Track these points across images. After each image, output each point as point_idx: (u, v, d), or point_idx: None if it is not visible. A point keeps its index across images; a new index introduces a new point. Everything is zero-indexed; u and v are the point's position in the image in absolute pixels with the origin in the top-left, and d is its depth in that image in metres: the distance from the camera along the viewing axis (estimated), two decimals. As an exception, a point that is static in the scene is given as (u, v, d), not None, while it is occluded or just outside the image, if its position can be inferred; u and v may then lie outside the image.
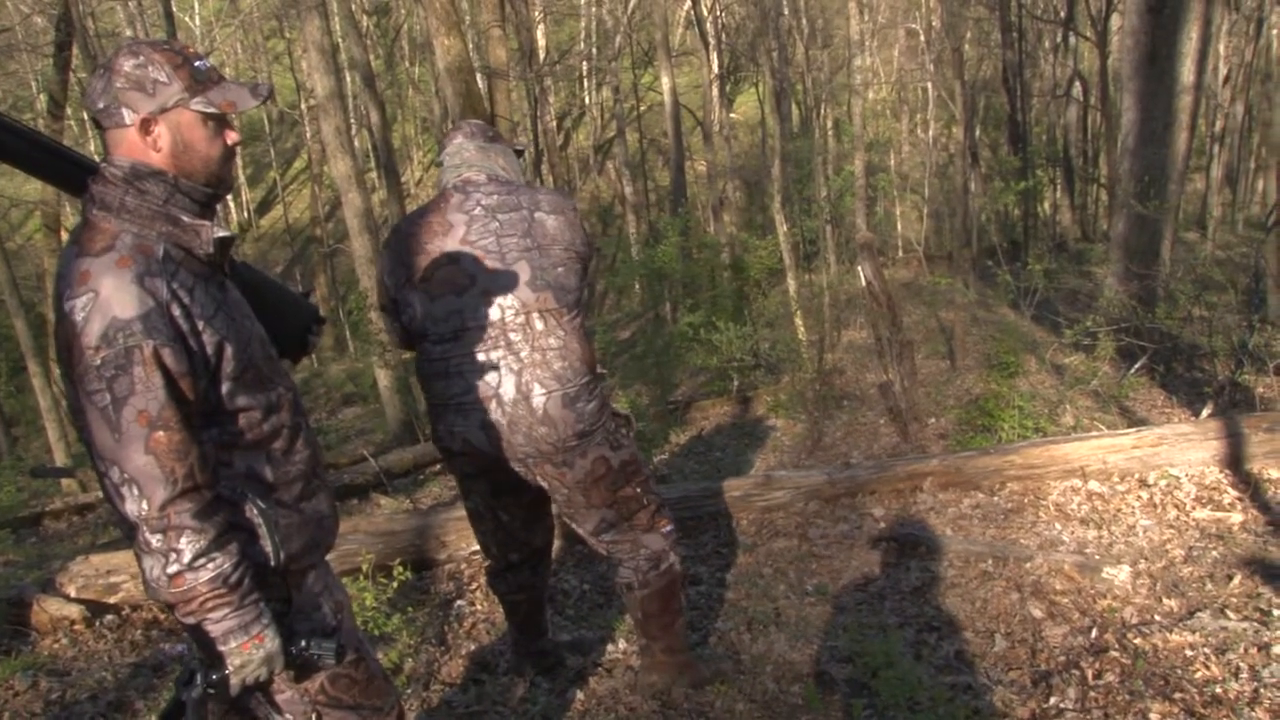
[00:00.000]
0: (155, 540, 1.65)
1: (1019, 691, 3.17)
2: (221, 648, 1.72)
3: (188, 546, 1.66)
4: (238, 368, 1.79)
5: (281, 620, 1.85)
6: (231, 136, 1.84)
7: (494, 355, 2.81)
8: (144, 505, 1.64)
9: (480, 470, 3.02)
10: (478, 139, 3.04)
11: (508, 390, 2.81)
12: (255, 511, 1.82)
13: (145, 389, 1.63)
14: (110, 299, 1.62)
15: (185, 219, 1.77)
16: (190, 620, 1.71)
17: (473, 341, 2.83)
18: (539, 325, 2.81)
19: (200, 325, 1.72)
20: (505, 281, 2.81)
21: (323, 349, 23.94)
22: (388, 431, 11.72)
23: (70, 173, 1.83)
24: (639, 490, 3.05)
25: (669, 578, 3.13)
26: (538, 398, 2.80)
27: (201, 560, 1.67)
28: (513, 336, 2.81)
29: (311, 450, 1.98)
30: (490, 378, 2.82)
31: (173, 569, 1.66)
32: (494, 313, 2.81)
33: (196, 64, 1.77)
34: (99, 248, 1.67)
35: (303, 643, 1.86)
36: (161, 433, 1.64)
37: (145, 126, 1.74)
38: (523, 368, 2.81)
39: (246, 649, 1.74)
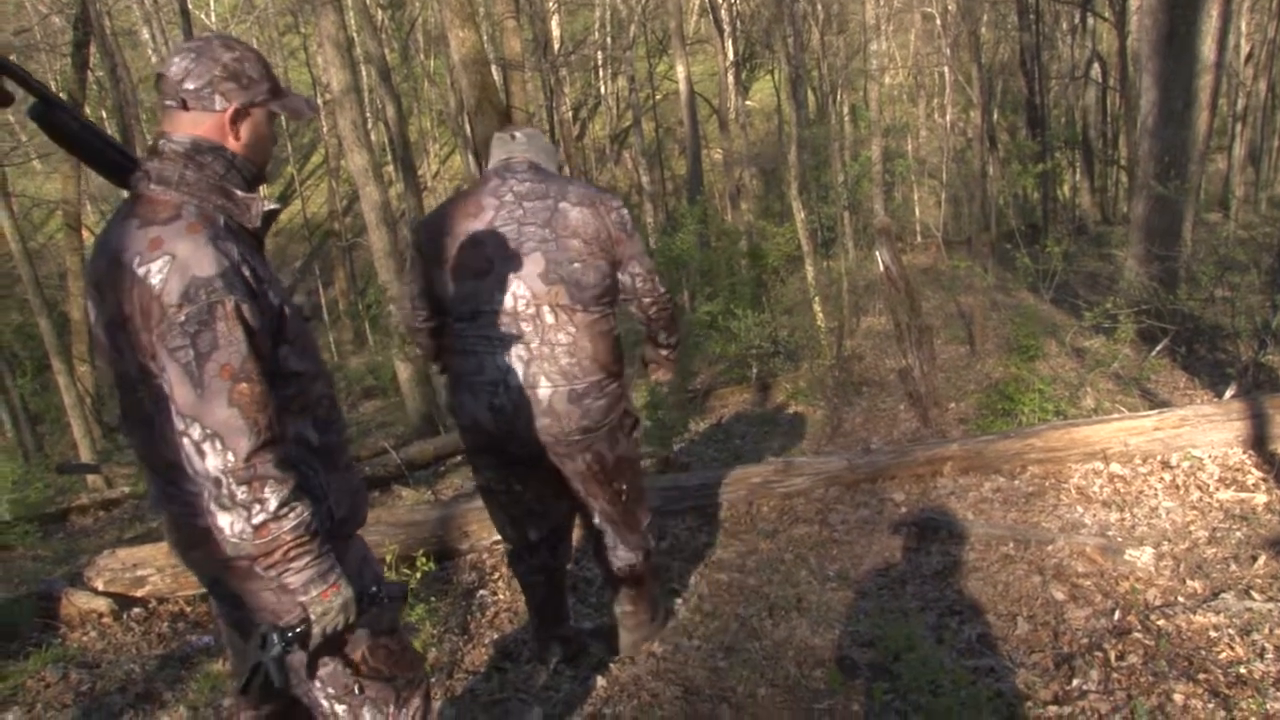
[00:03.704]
0: (240, 492, 1.69)
1: (1041, 674, 3.17)
2: (302, 597, 1.78)
3: (272, 495, 1.71)
4: (293, 331, 1.87)
5: None
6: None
7: (505, 342, 2.86)
8: (229, 457, 1.68)
9: (487, 447, 3.07)
10: (525, 129, 3.08)
11: (514, 378, 2.85)
12: (311, 472, 1.89)
13: (228, 343, 1.69)
14: (188, 259, 1.69)
15: (238, 193, 1.86)
16: (271, 572, 1.75)
17: (487, 325, 2.87)
18: (549, 319, 2.84)
19: (265, 288, 1.80)
20: (519, 270, 2.84)
21: (342, 342, 24.08)
22: (408, 424, 11.77)
23: (119, 162, 1.92)
24: (625, 486, 3.14)
25: (651, 560, 3.37)
26: (543, 390, 2.85)
27: (285, 509, 1.72)
28: (524, 326, 2.84)
29: (343, 424, 2.06)
30: (500, 362, 2.86)
31: (258, 519, 1.70)
32: (508, 300, 2.84)
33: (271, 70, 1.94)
34: (165, 216, 1.74)
35: (373, 588, 1.92)
36: (245, 384, 1.70)
37: (237, 116, 1.85)
38: (531, 359, 2.85)
39: (326, 597, 1.79)
